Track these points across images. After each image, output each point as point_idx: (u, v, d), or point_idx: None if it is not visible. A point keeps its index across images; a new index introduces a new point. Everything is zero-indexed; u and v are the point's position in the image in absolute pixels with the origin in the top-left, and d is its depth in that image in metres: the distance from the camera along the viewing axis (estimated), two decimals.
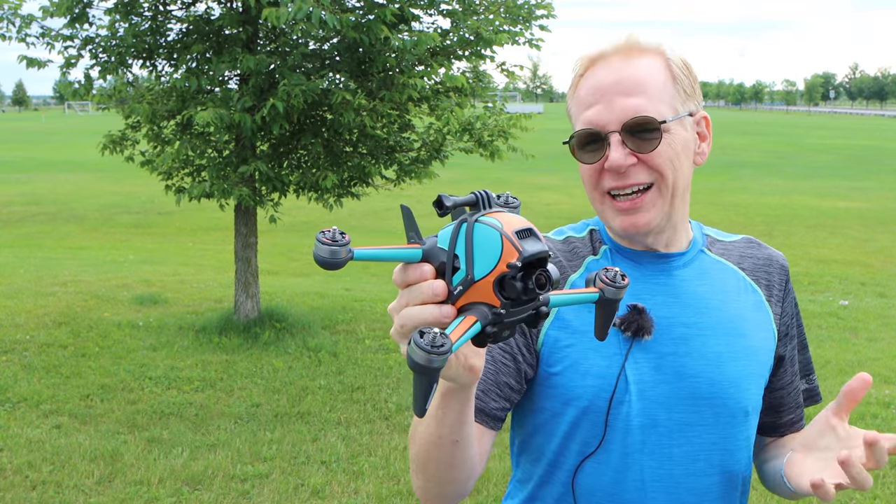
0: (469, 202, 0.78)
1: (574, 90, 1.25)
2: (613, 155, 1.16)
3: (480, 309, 0.75)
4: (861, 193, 18.22)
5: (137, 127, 6.86)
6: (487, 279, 0.73)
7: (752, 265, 1.32)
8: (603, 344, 1.17)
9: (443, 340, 0.68)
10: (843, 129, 58.39)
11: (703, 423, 1.20)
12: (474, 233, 0.74)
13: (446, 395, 0.96)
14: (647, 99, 1.17)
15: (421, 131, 7.03)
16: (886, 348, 6.62)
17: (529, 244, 0.73)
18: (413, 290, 0.77)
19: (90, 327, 6.86)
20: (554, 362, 1.21)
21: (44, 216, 14.69)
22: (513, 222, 0.75)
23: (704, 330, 1.22)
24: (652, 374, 1.19)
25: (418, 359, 0.68)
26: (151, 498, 3.99)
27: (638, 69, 1.18)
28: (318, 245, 0.70)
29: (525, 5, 6.48)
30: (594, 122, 1.18)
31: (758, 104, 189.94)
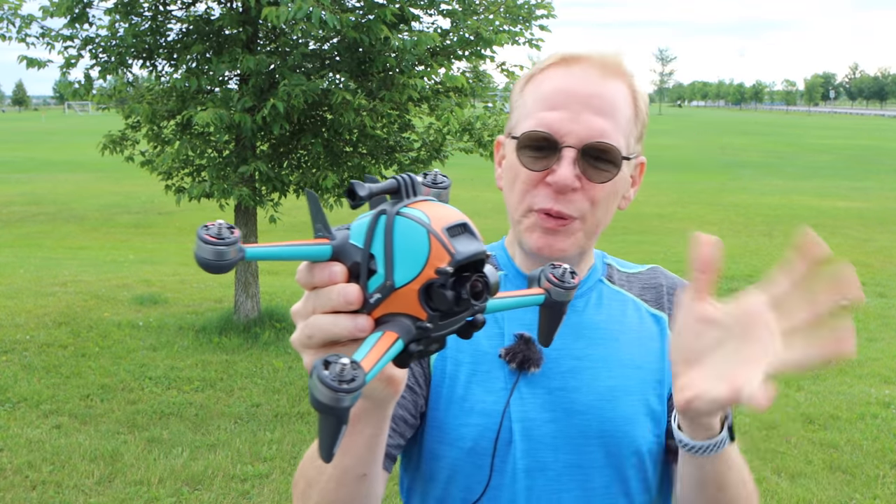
0: (389, 189, 0.64)
1: (535, 80, 1.12)
2: (563, 171, 1.04)
3: (402, 322, 0.62)
4: (861, 193, 18.23)
5: (137, 127, 6.86)
6: (411, 287, 0.60)
7: (655, 295, 1.21)
8: (489, 378, 1.09)
9: (353, 373, 0.55)
10: (843, 129, 58.40)
11: (594, 464, 1.09)
12: (395, 228, 0.61)
13: (358, 414, 0.80)
14: (614, 127, 1.06)
15: (421, 131, 7.03)
16: (886, 348, 6.62)
17: (463, 244, 0.61)
18: (321, 294, 0.63)
19: (90, 327, 6.86)
20: (439, 397, 1.09)
21: (44, 216, 14.69)
22: (443, 216, 0.62)
23: (597, 362, 1.11)
24: (539, 412, 1.08)
25: (322, 398, 0.55)
26: (151, 498, 3.99)
27: (614, 92, 1.08)
28: (200, 244, 0.57)
29: (525, 5, 6.48)
30: (553, 127, 1.05)
31: (758, 104, 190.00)
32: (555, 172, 1.04)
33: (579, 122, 1.04)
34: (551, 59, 1.12)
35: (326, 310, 0.63)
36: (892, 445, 4.67)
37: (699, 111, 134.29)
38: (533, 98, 1.10)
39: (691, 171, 23.22)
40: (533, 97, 1.10)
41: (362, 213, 0.66)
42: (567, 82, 1.07)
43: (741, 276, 9.22)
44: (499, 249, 1.22)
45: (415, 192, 0.64)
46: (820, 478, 4.28)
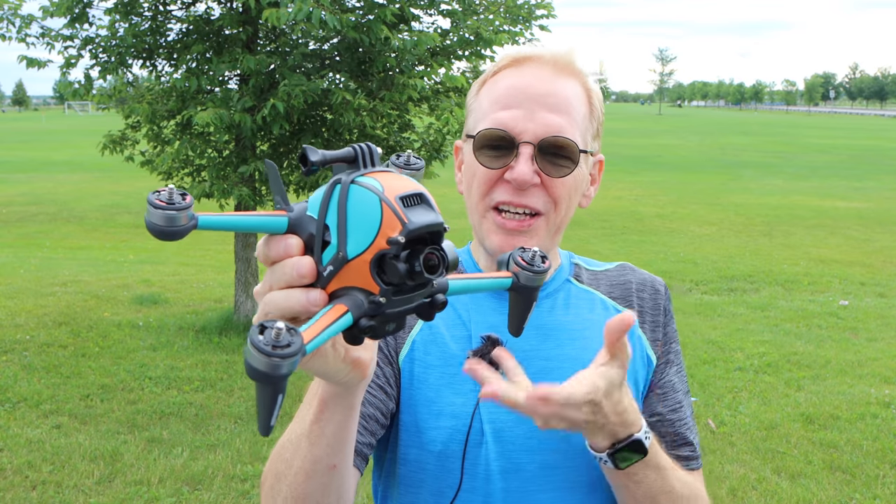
0: (346, 157, 0.61)
1: (489, 83, 1.12)
2: (521, 167, 1.04)
3: (354, 296, 0.59)
4: (861, 193, 18.22)
5: (137, 127, 6.86)
6: (363, 258, 0.58)
7: (623, 292, 1.22)
8: (457, 380, 1.07)
9: (290, 338, 0.53)
10: (843, 129, 58.40)
11: (570, 464, 1.08)
12: (349, 197, 0.59)
13: (325, 400, 0.79)
14: (570, 123, 1.07)
15: (421, 131, 7.03)
16: (886, 348, 6.62)
17: (418, 214, 0.58)
18: (276, 269, 0.62)
19: (90, 327, 6.86)
20: (408, 399, 1.09)
21: (44, 216, 14.69)
22: (398, 185, 0.59)
23: (565, 362, 1.09)
24: (509, 413, 1.01)
25: (256, 363, 0.52)
26: (151, 498, 3.99)
27: (567, 89, 1.08)
28: (150, 209, 0.55)
29: (525, 5, 6.48)
30: (508, 125, 1.06)
31: (758, 104, 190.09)
32: (513, 169, 1.05)
33: (534, 120, 1.05)
34: (504, 62, 1.13)
35: (282, 285, 0.62)
36: (892, 445, 4.67)
37: (699, 111, 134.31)
38: (488, 100, 1.10)
39: (691, 171, 23.22)
40: (488, 99, 1.10)
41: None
42: (520, 82, 1.08)
43: (741, 276, 9.22)
44: (464, 254, 1.22)
45: (373, 162, 0.62)
46: (820, 478, 4.28)
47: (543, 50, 1.12)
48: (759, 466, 4.39)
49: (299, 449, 0.86)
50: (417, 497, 1.09)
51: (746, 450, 4.61)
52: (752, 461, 4.45)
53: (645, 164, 24.11)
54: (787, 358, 6.31)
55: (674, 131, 49.48)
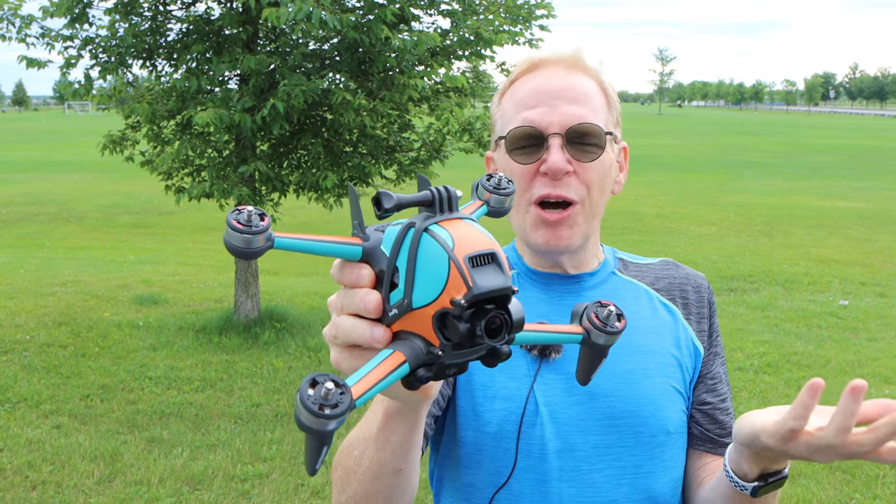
0: (422, 201, 0.61)
1: (509, 92, 1.21)
2: (555, 157, 1.11)
3: (414, 344, 0.60)
4: (861, 193, 18.22)
5: (137, 127, 6.86)
6: (426, 311, 0.58)
7: (668, 285, 1.27)
8: (511, 365, 1.12)
9: (338, 398, 0.53)
10: (843, 129, 58.39)
11: (623, 444, 1.13)
12: (420, 247, 0.59)
13: (390, 414, 0.82)
14: (591, 112, 1.14)
15: (421, 131, 7.03)
16: (886, 348, 6.62)
17: (485, 277, 0.57)
18: (348, 293, 0.64)
19: (90, 327, 6.86)
20: (461, 386, 1.14)
21: (44, 216, 14.69)
22: (470, 242, 0.58)
23: (615, 348, 1.06)
24: (563, 396, 1.12)
25: (304, 419, 0.54)
26: (151, 498, 3.99)
27: (582, 84, 1.16)
28: (229, 230, 0.56)
29: (525, 5, 6.48)
30: (535, 121, 1.13)
31: (758, 104, 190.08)
32: (546, 161, 1.11)
33: (558, 112, 1.12)
34: (519, 69, 1.21)
35: (350, 311, 0.64)
36: None
37: (699, 111, 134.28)
38: (511, 104, 1.18)
39: (691, 171, 23.21)
40: (511, 104, 1.18)
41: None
42: (540, 82, 1.16)
43: (741, 276, 9.22)
44: (510, 250, 1.28)
45: (451, 206, 0.61)
46: (820, 478, 4.28)
47: (553, 52, 1.19)
48: None
49: (367, 451, 0.89)
50: (475, 477, 1.13)
51: None
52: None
53: (645, 164, 24.11)
54: (787, 358, 6.31)
55: (674, 131, 49.47)
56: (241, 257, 0.58)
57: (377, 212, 0.60)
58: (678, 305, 1.25)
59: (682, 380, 1.19)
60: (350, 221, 0.66)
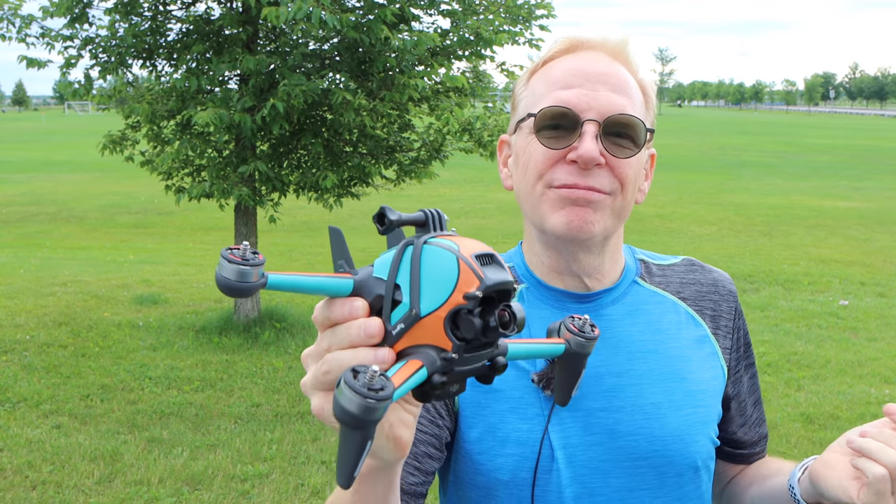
0: (416, 221, 0.63)
1: (542, 71, 1.06)
2: (588, 145, 0.97)
3: (426, 353, 0.60)
4: (861, 193, 18.22)
5: (137, 127, 6.86)
6: (438, 314, 0.59)
7: (695, 293, 1.15)
8: (523, 404, 1.02)
9: (383, 382, 0.53)
10: (843, 129, 58.40)
11: (647, 486, 1.03)
12: (423, 257, 0.60)
13: (366, 475, 0.77)
14: (629, 101, 1.01)
15: (421, 131, 7.03)
16: (886, 348, 6.62)
17: (492, 271, 0.59)
18: (339, 330, 0.61)
19: (90, 327, 6.86)
20: (469, 427, 1.03)
21: (44, 216, 14.69)
22: (471, 245, 0.61)
23: (639, 378, 1.05)
24: (581, 436, 1.02)
25: (351, 406, 0.52)
26: (151, 498, 3.99)
27: (624, 74, 1.04)
28: (224, 263, 0.55)
29: (525, 5, 6.48)
30: (571, 102, 0.99)
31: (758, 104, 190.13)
32: (577, 148, 0.98)
33: (598, 98, 0.99)
34: (558, 46, 1.06)
35: (344, 346, 0.61)
36: None
37: (699, 111, 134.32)
38: (544, 83, 1.04)
39: (691, 171, 23.21)
40: (543, 83, 1.04)
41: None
42: (579, 63, 1.02)
43: (741, 276, 9.22)
44: (515, 257, 1.15)
45: (441, 226, 0.64)
46: None
47: (598, 35, 1.07)
48: None
49: None
50: None
51: None
52: None
53: None
54: (787, 358, 6.31)
55: (674, 131, 49.48)
56: (235, 293, 0.56)
57: (380, 227, 0.61)
58: (706, 319, 1.14)
59: (711, 405, 1.10)
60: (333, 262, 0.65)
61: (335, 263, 0.64)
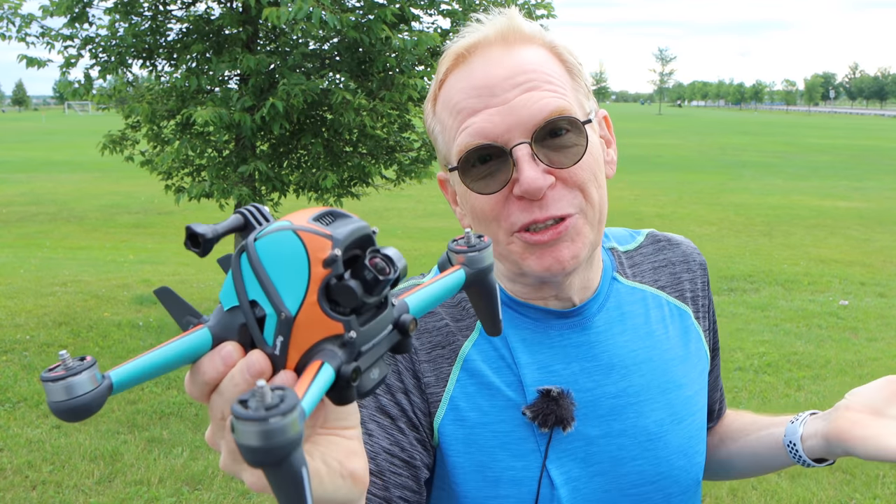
0: (235, 226, 0.53)
1: (441, 96, 0.92)
2: (528, 174, 0.84)
3: (323, 349, 0.51)
4: (861, 193, 18.22)
5: (137, 127, 6.87)
6: (308, 301, 0.50)
7: (670, 277, 1.07)
8: (514, 439, 0.92)
9: (280, 394, 0.43)
10: (843, 129, 58.42)
11: None
12: (259, 255, 0.51)
13: None
14: (553, 90, 0.87)
15: (421, 131, 7.03)
16: (886, 348, 6.62)
17: (339, 226, 0.51)
18: (224, 388, 0.51)
19: (90, 327, 6.86)
20: (453, 466, 0.92)
21: (44, 216, 14.69)
22: (304, 213, 0.52)
23: (637, 395, 0.97)
24: (582, 468, 0.93)
25: (253, 439, 0.42)
26: (151, 498, 3.99)
27: (531, 57, 0.89)
28: (49, 386, 0.46)
29: (525, 5, 6.49)
30: (489, 132, 0.85)
31: (758, 104, 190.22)
32: (518, 181, 0.85)
33: (513, 109, 0.85)
34: (446, 62, 0.93)
35: (240, 392, 0.51)
36: None
37: (699, 111, 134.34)
38: (447, 111, 0.90)
39: (691, 171, 23.22)
40: (447, 110, 0.90)
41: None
42: (475, 74, 0.88)
43: (741, 276, 9.22)
44: None
45: (266, 219, 0.54)
46: (820, 478, 4.28)
47: (479, 31, 0.91)
48: None
49: None
50: None
51: None
52: None
53: (645, 164, 24.11)
54: (787, 358, 6.31)
55: (674, 131, 49.48)
56: (78, 414, 0.46)
57: (195, 249, 0.52)
58: (687, 302, 1.07)
59: (704, 404, 1.05)
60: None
61: (180, 323, 0.54)
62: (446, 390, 0.93)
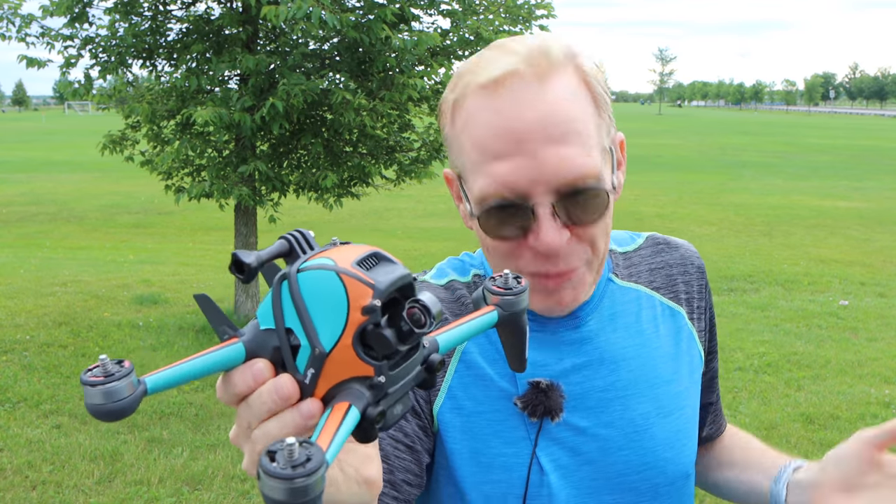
0: (280, 252, 0.55)
1: (462, 114, 0.90)
2: (549, 235, 0.86)
3: (350, 388, 0.53)
4: (861, 193, 18.22)
5: (137, 127, 6.87)
6: (343, 342, 0.52)
7: (666, 278, 1.10)
8: (507, 427, 0.96)
9: (307, 452, 0.45)
10: (843, 129, 58.42)
11: (641, 500, 1.01)
12: (301, 288, 0.52)
13: None
14: (582, 145, 0.86)
15: (421, 131, 7.03)
16: (886, 348, 6.62)
17: (381, 273, 0.53)
18: (252, 402, 0.55)
19: (90, 327, 6.86)
20: (451, 452, 0.97)
21: (44, 216, 14.69)
22: (348, 254, 0.53)
23: (625, 390, 1.01)
24: (570, 456, 0.98)
25: (279, 494, 0.44)
26: (151, 498, 3.99)
27: (561, 97, 0.86)
28: (88, 391, 0.49)
29: (525, 5, 6.49)
30: (513, 185, 0.85)
31: (758, 104, 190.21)
32: (536, 236, 0.87)
33: (542, 165, 0.84)
34: (470, 84, 0.89)
35: (264, 417, 0.55)
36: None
37: (699, 111, 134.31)
38: (470, 142, 0.89)
39: (691, 171, 23.22)
40: (469, 140, 0.89)
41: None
42: (503, 117, 0.85)
43: (741, 276, 9.22)
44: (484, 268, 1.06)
45: (310, 246, 0.56)
46: None
47: (515, 57, 0.87)
48: None
49: None
50: None
51: None
52: None
53: (645, 164, 24.11)
54: (787, 358, 6.31)
55: (674, 131, 49.49)
56: (114, 416, 0.49)
57: (239, 276, 0.53)
58: (682, 303, 1.09)
59: (694, 402, 1.07)
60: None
61: (217, 332, 0.56)
62: (445, 380, 0.98)
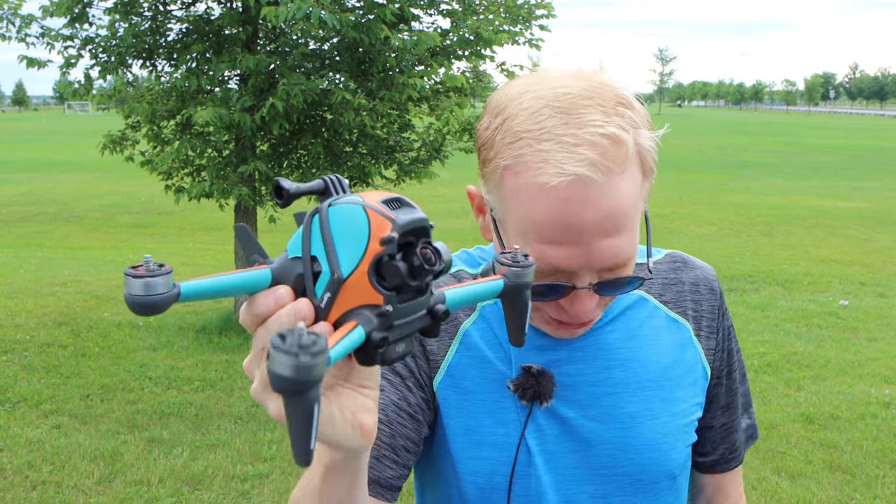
0: (316, 189, 0.61)
1: (515, 184, 0.88)
2: (584, 307, 0.93)
3: (360, 313, 0.58)
4: (861, 193, 18.22)
5: (137, 127, 6.87)
6: (360, 269, 0.57)
7: (676, 295, 1.12)
8: (499, 408, 1.02)
9: (314, 339, 0.49)
10: (843, 129, 58.41)
11: (621, 493, 1.04)
12: (330, 219, 0.58)
13: (331, 468, 0.75)
14: (630, 230, 0.89)
15: (421, 131, 7.04)
16: (886, 348, 6.62)
17: (404, 213, 0.58)
18: (270, 324, 0.58)
19: (90, 327, 6.86)
20: (447, 426, 1.03)
21: (44, 216, 14.69)
22: (377, 195, 0.59)
23: (615, 387, 1.04)
24: (556, 443, 1.02)
25: (284, 369, 0.48)
26: (151, 498, 3.99)
27: (624, 196, 0.87)
28: (129, 281, 0.52)
29: (525, 5, 6.49)
30: (559, 268, 0.89)
31: (758, 104, 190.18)
32: (570, 305, 0.94)
33: (593, 254, 0.88)
34: (529, 166, 0.86)
35: None
36: (892, 445, 4.67)
37: (699, 111, 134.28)
38: (521, 213, 0.88)
39: (691, 171, 23.22)
40: (521, 212, 0.88)
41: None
42: (564, 213, 0.85)
43: (741, 276, 9.22)
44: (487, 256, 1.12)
45: (344, 190, 0.62)
46: (820, 478, 4.28)
47: (580, 155, 0.84)
48: (758, 466, 4.39)
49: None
50: None
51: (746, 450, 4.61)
52: (751, 461, 4.45)
53: None
54: (787, 358, 6.31)
55: (674, 131, 48.95)
56: (147, 310, 0.52)
57: (279, 201, 0.59)
58: (689, 319, 1.11)
59: (690, 411, 1.09)
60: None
61: (249, 260, 0.61)
62: (446, 358, 1.05)
